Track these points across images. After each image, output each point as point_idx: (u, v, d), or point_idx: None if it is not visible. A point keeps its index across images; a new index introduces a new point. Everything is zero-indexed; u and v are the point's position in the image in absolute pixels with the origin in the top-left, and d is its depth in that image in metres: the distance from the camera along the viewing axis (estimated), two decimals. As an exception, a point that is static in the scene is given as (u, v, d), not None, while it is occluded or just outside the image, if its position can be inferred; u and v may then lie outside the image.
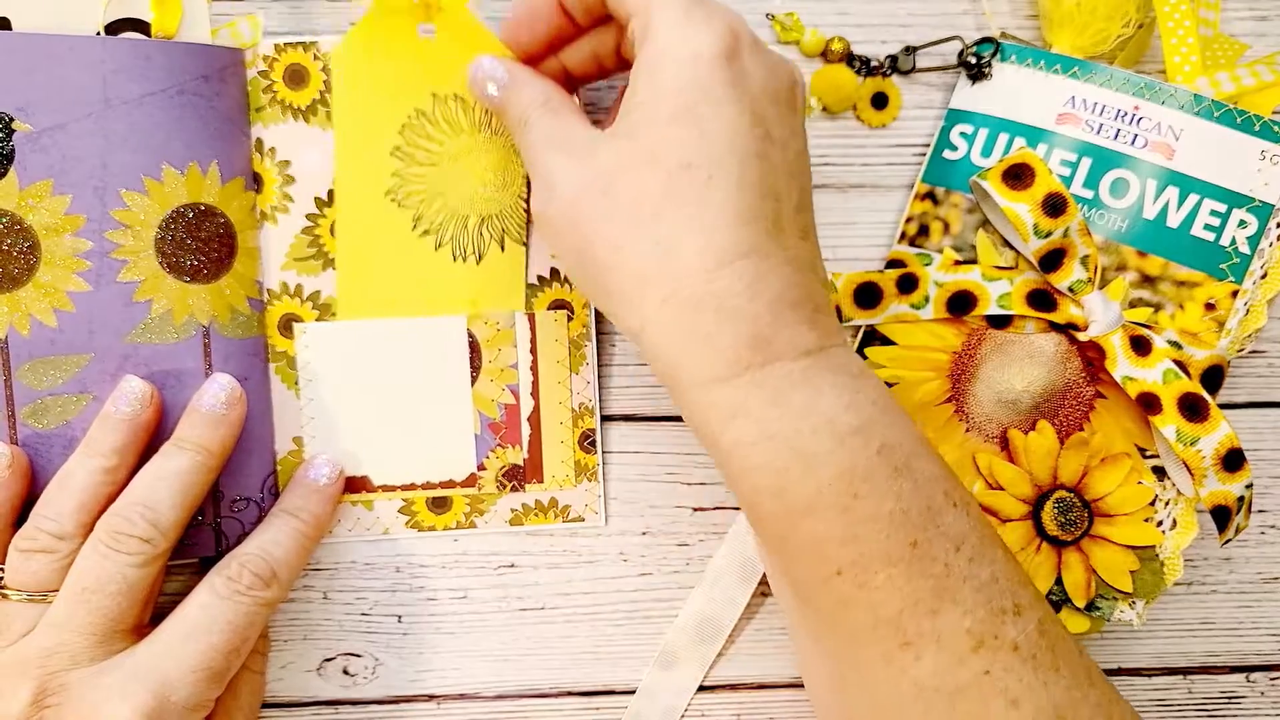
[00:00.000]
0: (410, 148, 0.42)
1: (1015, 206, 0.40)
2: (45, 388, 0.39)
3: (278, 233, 0.42)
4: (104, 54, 0.38)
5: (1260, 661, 0.46)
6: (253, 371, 0.41)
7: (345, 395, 0.43)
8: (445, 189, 0.42)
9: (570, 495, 0.44)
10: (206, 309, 0.40)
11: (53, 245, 0.39)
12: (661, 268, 0.33)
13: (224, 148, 0.40)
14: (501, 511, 0.44)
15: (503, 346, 0.43)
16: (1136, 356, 0.41)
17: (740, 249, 0.33)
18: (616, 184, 0.34)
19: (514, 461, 0.43)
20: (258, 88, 0.41)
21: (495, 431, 0.43)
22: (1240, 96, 0.42)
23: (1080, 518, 0.42)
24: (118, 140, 0.38)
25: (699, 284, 0.32)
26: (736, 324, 0.32)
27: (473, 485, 0.43)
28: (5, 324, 0.39)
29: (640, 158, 0.33)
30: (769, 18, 0.44)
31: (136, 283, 0.39)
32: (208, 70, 0.39)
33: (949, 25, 0.44)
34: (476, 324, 0.43)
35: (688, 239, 0.33)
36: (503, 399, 0.43)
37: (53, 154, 0.38)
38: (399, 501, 0.43)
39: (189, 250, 0.40)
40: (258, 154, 0.41)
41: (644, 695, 0.45)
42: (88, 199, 0.38)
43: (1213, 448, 0.40)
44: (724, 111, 0.33)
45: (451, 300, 0.42)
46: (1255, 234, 0.42)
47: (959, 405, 0.43)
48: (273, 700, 0.44)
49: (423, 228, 0.42)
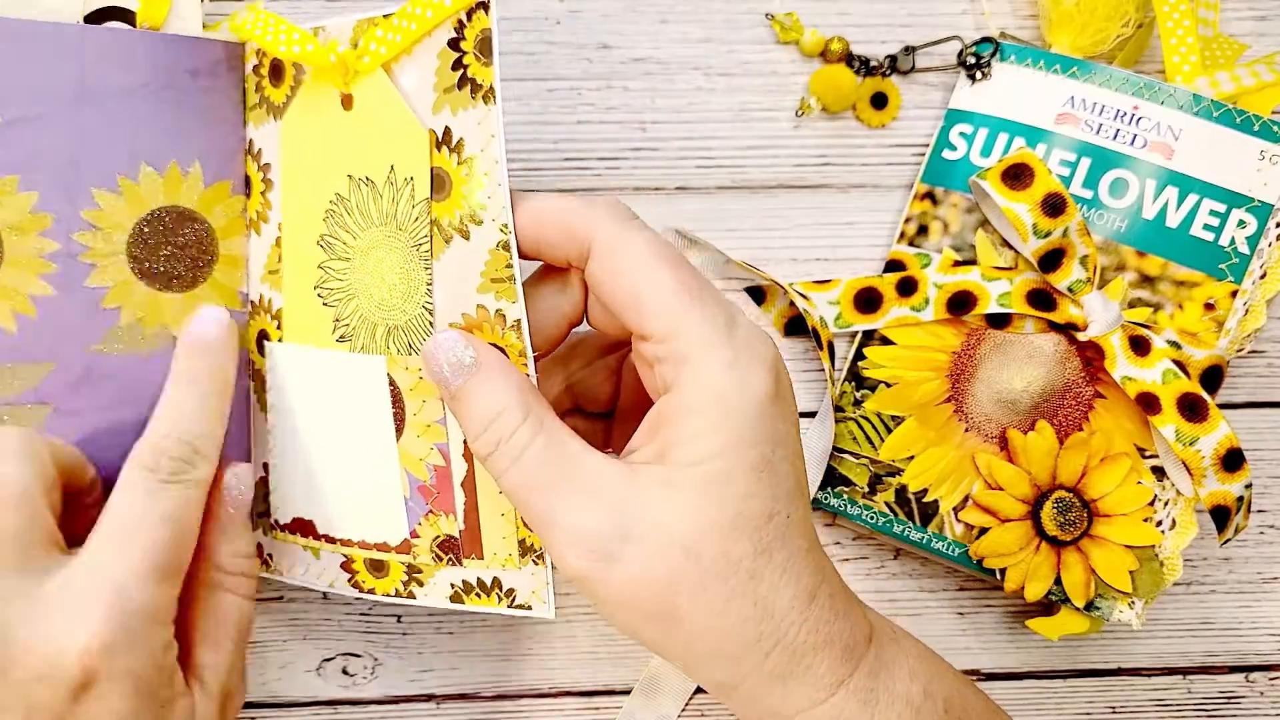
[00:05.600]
0: (331, 238, 0.37)
1: (1014, 206, 0.40)
2: (7, 396, 0.36)
3: (259, 241, 0.39)
4: (82, 43, 0.36)
5: (1260, 661, 0.46)
6: None
7: (297, 427, 0.39)
8: (358, 290, 0.36)
9: (514, 578, 0.36)
10: (180, 319, 0.37)
11: (16, 244, 0.36)
12: (763, 624, 0.31)
13: (209, 148, 0.38)
14: (441, 585, 0.38)
15: (427, 398, 0.36)
16: (1136, 356, 0.41)
17: (817, 577, 0.32)
18: (702, 548, 0.31)
19: (449, 532, 0.37)
20: (251, 85, 0.38)
21: (426, 496, 0.37)
22: (1240, 96, 0.42)
23: (1079, 518, 0.42)
24: (92, 136, 0.36)
25: (798, 629, 0.32)
26: (831, 647, 0.32)
27: (407, 553, 0.38)
28: None
29: (725, 517, 0.31)
30: (768, 18, 0.44)
31: (105, 288, 0.37)
32: (197, 64, 0.37)
33: (948, 25, 0.44)
34: (397, 370, 0.36)
35: (784, 590, 0.32)
36: (431, 459, 0.36)
37: (20, 148, 0.35)
38: (340, 556, 0.39)
39: (163, 256, 0.37)
40: (250, 156, 0.39)
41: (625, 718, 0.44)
42: (56, 197, 0.36)
43: (1212, 448, 0.40)
44: (791, 450, 0.32)
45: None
46: (1254, 234, 0.42)
47: (958, 405, 0.43)
48: (273, 700, 0.44)
49: (340, 331, 0.37)
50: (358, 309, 0.36)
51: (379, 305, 0.36)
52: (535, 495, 0.31)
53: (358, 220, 0.36)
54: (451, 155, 0.34)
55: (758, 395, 0.31)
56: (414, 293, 0.35)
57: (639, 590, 0.31)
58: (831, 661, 0.32)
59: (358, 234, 0.36)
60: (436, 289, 0.35)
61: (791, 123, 0.45)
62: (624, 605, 0.31)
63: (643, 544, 0.30)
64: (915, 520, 0.43)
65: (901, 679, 0.34)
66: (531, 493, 0.31)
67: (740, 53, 0.45)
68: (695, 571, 0.31)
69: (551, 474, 0.31)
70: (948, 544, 0.43)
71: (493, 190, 0.33)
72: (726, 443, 0.31)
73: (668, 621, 0.31)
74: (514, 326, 0.33)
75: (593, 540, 0.31)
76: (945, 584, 0.45)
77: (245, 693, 0.39)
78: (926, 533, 0.43)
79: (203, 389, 0.36)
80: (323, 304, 0.37)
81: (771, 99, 0.45)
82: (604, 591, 0.31)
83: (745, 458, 0.31)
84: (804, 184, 0.45)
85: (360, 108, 0.35)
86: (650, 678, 0.44)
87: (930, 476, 0.43)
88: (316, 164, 0.37)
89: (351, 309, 0.37)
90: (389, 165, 0.35)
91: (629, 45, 0.45)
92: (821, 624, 0.32)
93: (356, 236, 0.36)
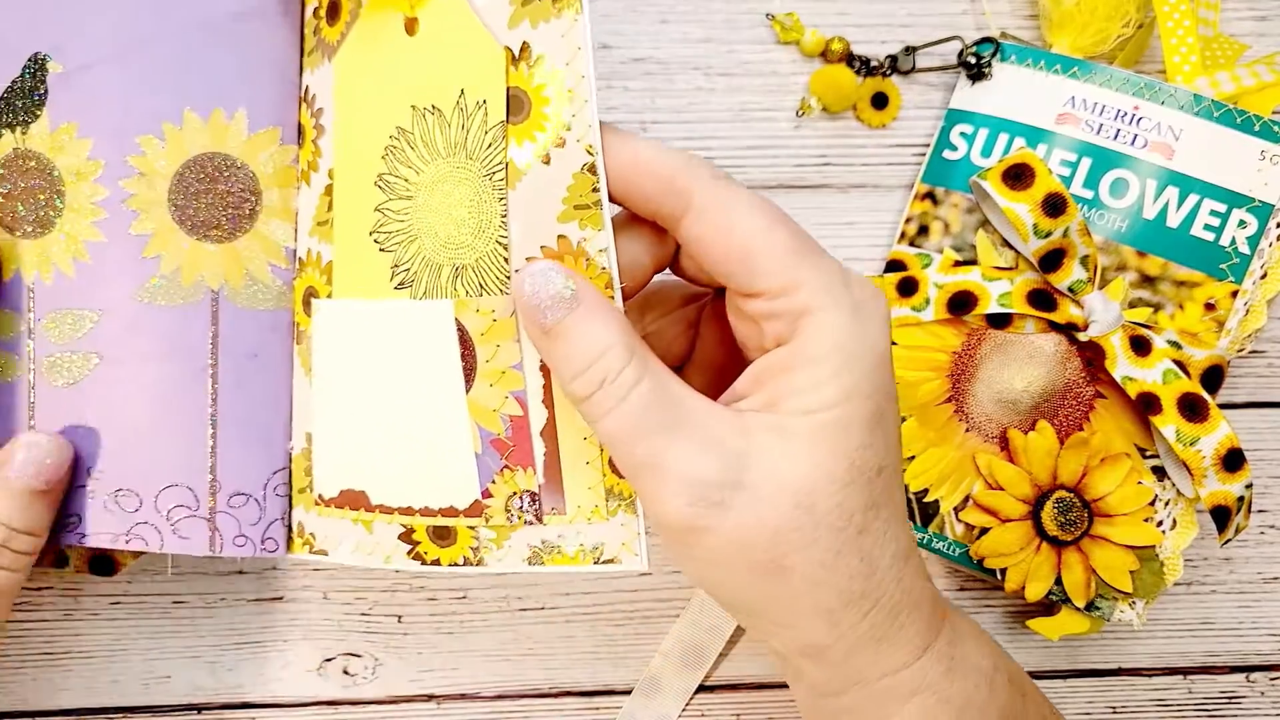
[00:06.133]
0: (391, 176, 0.34)
1: (1015, 206, 0.40)
2: (63, 342, 0.37)
3: (308, 193, 0.37)
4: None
5: (1260, 661, 0.46)
6: (266, 349, 0.38)
7: (349, 390, 0.36)
8: (421, 230, 0.34)
9: (601, 531, 0.33)
10: (218, 272, 0.37)
11: (75, 190, 0.36)
12: (868, 582, 0.31)
13: (255, 94, 0.36)
14: (517, 548, 0.34)
15: (502, 342, 0.33)
16: (1136, 356, 0.41)
17: (909, 537, 0.32)
18: (816, 498, 0.30)
19: (527, 488, 0.34)
20: (310, 29, 0.36)
21: (500, 450, 0.34)
22: (1240, 96, 0.42)
23: (1080, 518, 0.42)
24: (140, 82, 0.36)
25: (895, 589, 0.31)
26: (919, 610, 0.32)
27: (478, 515, 0.34)
28: (33, 270, 0.36)
29: (840, 468, 0.30)
30: (769, 18, 0.44)
31: (147, 236, 0.36)
32: (244, 6, 0.36)
33: (949, 25, 0.44)
34: (466, 313, 0.33)
35: (887, 547, 0.31)
36: (507, 409, 0.33)
37: (79, 95, 0.35)
38: (398, 527, 0.36)
39: (204, 204, 0.36)
40: (305, 104, 0.37)
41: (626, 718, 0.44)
42: (107, 144, 0.36)
43: (1212, 448, 0.40)
44: (896, 406, 0.32)
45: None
46: (1255, 234, 0.42)
47: (959, 405, 0.43)
48: (273, 700, 0.44)
49: (399, 277, 0.34)
50: (420, 251, 0.34)
51: (445, 244, 0.33)
52: (640, 439, 0.30)
53: (421, 154, 0.33)
54: (531, 72, 0.31)
55: (876, 347, 0.31)
56: (486, 227, 0.32)
57: (749, 540, 0.29)
58: (919, 625, 0.32)
59: (421, 169, 0.33)
60: (512, 221, 0.32)
61: (792, 123, 0.45)
62: (730, 558, 0.30)
63: (755, 492, 0.29)
64: (916, 520, 0.43)
65: (973, 649, 0.34)
66: (637, 435, 0.30)
67: (740, 53, 0.45)
68: (809, 522, 0.29)
69: (659, 416, 0.30)
70: (948, 544, 0.43)
71: (578, 108, 0.31)
72: (846, 392, 0.30)
73: (774, 575, 0.30)
74: (599, 255, 0.31)
75: (704, 486, 0.29)
76: (946, 584, 0.45)
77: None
78: (927, 533, 0.43)
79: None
80: (379, 250, 0.34)
81: (772, 99, 0.45)
82: (710, 542, 0.30)
83: (862, 409, 0.30)
84: (804, 184, 0.45)
85: (426, 30, 0.33)
86: (650, 678, 0.44)
87: (931, 476, 0.43)
88: (374, 98, 0.34)
89: (413, 252, 0.34)
90: (458, 90, 0.32)
91: (629, 45, 0.45)
92: (914, 585, 0.32)
93: (420, 171, 0.33)
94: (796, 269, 0.30)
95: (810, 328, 0.30)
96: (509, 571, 0.35)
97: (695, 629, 0.44)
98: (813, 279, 0.30)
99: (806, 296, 0.30)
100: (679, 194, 0.31)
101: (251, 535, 0.38)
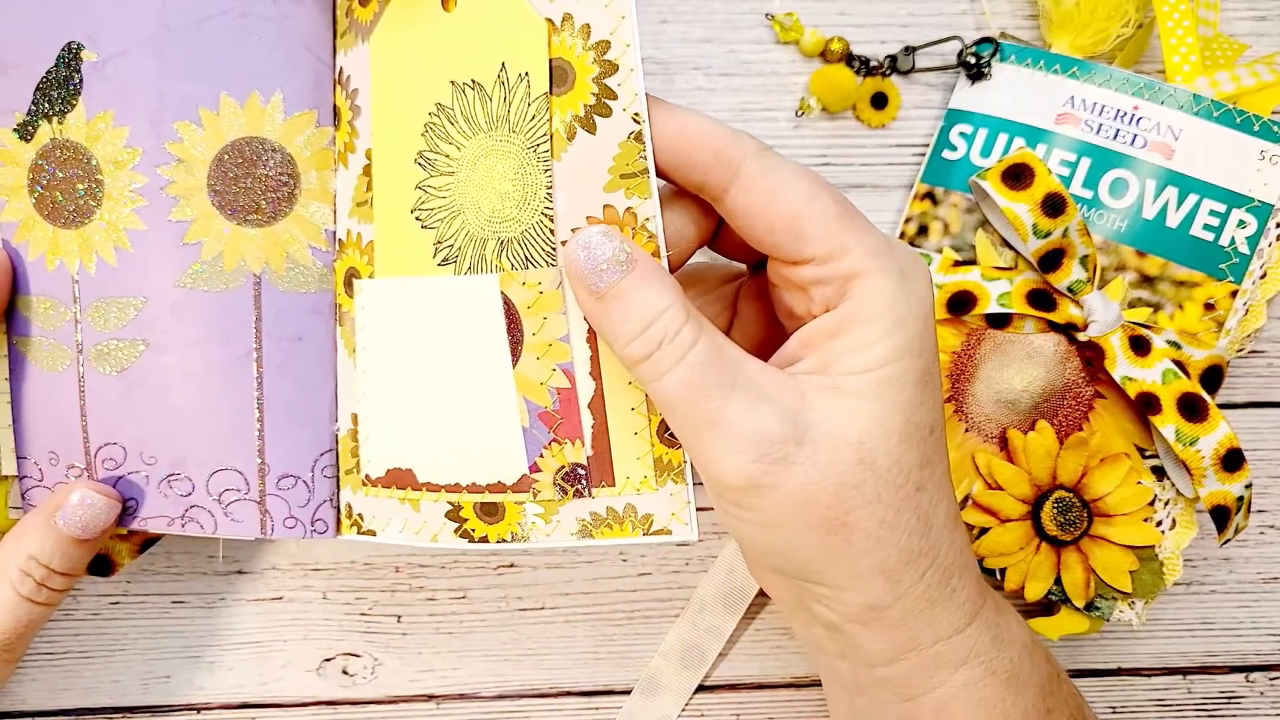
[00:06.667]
0: (432, 154, 0.34)
1: (1014, 206, 0.40)
2: (109, 330, 0.37)
3: (345, 174, 0.37)
4: None
5: (1260, 661, 0.46)
6: (310, 331, 0.37)
7: (394, 369, 0.36)
8: (464, 205, 0.34)
9: (650, 501, 0.33)
10: (260, 256, 0.36)
11: (114, 178, 0.36)
12: (924, 540, 0.31)
13: (291, 76, 0.36)
14: (566, 521, 0.34)
15: (549, 314, 0.33)
16: (1136, 356, 0.41)
17: (955, 499, 0.32)
18: (876, 454, 0.30)
19: (575, 460, 0.34)
20: (341, 10, 0.36)
21: (548, 423, 0.34)
22: (1240, 96, 0.42)
23: (1079, 518, 0.42)
24: (174, 68, 0.35)
25: (948, 549, 0.32)
26: (969, 573, 0.32)
27: (526, 490, 0.34)
28: (75, 260, 0.37)
29: (896, 424, 0.30)
30: (768, 18, 0.44)
31: (188, 222, 0.36)
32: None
33: (948, 25, 0.44)
34: (512, 287, 0.33)
35: (940, 506, 0.31)
36: (554, 381, 0.33)
37: (114, 83, 0.35)
38: (445, 505, 0.36)
39: (243, 189, 0.36)
40: (340, 85, 0.37)
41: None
42: (144, 131, 0.36)
43: (1212, 448, 0.40)
44: (939, 367, 0.32)
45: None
46: (1254, 234, 0.42)
47: (958, 405, 0.43)
48: (272, 700, 0.44)
49: (442, 254, 0.34)
50: (463, 226, 0.34)
51: (489, 218, 0.33)
52: (700, 397, 0.30)
53: (462, 129, 0.33)
54: (574, 41, 0.32)
55: (923, 308, 0.31)
56: (531, 199, 0.32)
57: (812, 496, 0.29)
58: (970, 590, 0.32)
59: (463, 144, 0.33)
60: (557, 192, 0.32)
61: (791, 123, 0.45)
62: (791, 516, 0.30)
63: (816, 447, 0.29)
64: (915, 520, 0.43)
65: (1014, 620, 0.34)
66: (699, 393, 0.30)
67: (740, 53, 0.45)
68: (871, 478, 0.30)
69: (719, 374, 0.30)
70: (948, 544, 0.43)
71: (624, 77, 0.31)
72: (899, 350, 0.30)
73: (837, 532, 0.30)
74: (647, 223, 0.31)
75: (767, 442, 0.29)
76: (945, 584, 0.45)
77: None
78: (926, 533, 0.43)
79: (23, 595, 0.37)
80: (421, 227, 0.34)
81: (771, 99, 0.45)
82: (772, 500, 0.30)
83: (914, 366, 0.30)
84: (804, 184, 0.45)
85: (463, 5, 0.33)
86: (650, 678, 0.44)
87: (930, 476, 0.43)
88: (412, 76, 0.34)
89: (456, 227, 0.34)
90: (499, 63, 0.33)
91: (629, 45, 0.45)
92: (965, 547, 0.32)
93: (461, 147, 0.33)
94: (844, 234, 0.31)
95: (860, 290, 0.31)
96: (557, 547, 0.35)
97: (695, 629, 0.44)
98: (860, 243, 0.31)
99: (855, 260, 0.31)
100: (726, 164, 0.31)
101: (301, 517, 0.38)
